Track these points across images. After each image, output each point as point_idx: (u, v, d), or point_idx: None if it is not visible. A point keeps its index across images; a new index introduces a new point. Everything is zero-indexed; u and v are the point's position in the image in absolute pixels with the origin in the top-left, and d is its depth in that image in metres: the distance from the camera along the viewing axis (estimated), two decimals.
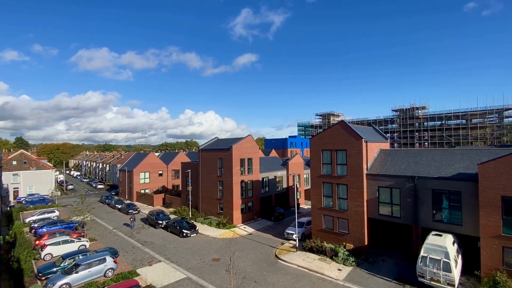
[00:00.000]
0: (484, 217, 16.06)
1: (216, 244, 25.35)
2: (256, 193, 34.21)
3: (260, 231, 29.39)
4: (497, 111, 67.54)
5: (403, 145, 78.15)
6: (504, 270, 15.25)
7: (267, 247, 24.37)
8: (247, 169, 33.11)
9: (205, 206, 34.90)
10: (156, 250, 24.50)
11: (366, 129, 28.66)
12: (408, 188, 19.77)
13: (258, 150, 35.44)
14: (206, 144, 37.46)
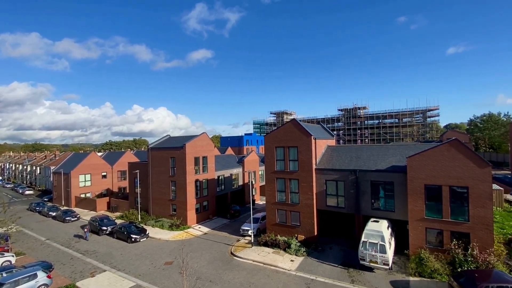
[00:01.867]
0: (412, 203, 18.56)
1: (169, 247, 24.22)
2: (211, 191, 33.65)
3: (215, 230, 29.04)
4: (422, 112, 78.68)
5: (347, 141, 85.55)
6: (427, 247, 17.88)
7: (223, 245, 24.22)
8: (201, 167, 32.32)
9: (156, 208, 33.02)
10: (100, 259, 22.29)
11: (315, 127, 30.51)
12: (351, 180, 21.69)
13: (213, 148, 34.87)
14: (157, 142, 35.37)
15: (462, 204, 17.15)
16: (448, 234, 17.41)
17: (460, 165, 17.13)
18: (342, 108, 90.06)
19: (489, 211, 16.34)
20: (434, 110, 77.30)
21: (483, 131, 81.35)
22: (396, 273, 17.27)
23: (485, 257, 15.75)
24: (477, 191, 16.59)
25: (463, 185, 17.04)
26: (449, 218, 17.40)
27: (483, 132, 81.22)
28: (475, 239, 16.52)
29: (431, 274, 16.31)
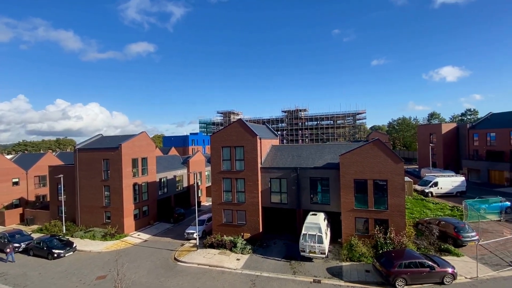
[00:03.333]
0: (344, 196, 20.73)
1: (102, 260, 21.71)
2: (152, 195, 31.44)
3: (157, 236, 27.26)
4: (352, 115, 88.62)
5: (290, 141, 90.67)
6: (356, 235, 20.23)
7: (165, 251, 22.90)
8: (141, 170, 29.91)
9: (86, 217, 29.20)
10: (10, 282, 18.57)
11: (260, 127, 31.45)
12: (293, 177, 23.05)
13: (154, 149, 32.64)
14: (86, 142, 31.30)
15: (382, 195, 19.95)
16: (372, 222, 20.03)
17: (381, 161, 19.89)
18: (286, 110, 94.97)
19: (403, 200, 19.43)
20: (362, 114, 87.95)
21: (399, 132, 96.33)
22: (331, 260, 19.05)
23: (399, 238, 18.66)
24: (393, 183, 19.52)
25: (383, 178, 19.84)
26: (373, 207, 20.05)
27: (399, 133, 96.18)
28: (392, 224, 19.43)
29: (359, 258, 18.52)
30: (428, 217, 24.99)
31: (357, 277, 16.65)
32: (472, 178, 45.59)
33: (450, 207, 29.64)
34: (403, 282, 15.23)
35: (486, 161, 44.95)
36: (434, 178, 35.90)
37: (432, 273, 15.32)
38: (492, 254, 18.62)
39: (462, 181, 35.56)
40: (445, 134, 54.53)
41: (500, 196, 29.13)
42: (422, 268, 15.35)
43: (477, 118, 65.05)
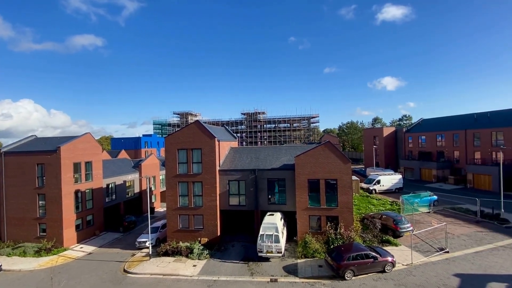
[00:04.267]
0: (299, 196, 21.65)
1: (35, 279, 18.93)
2: (98, 203, 28.61)
3: (104, 247, 24.87)
4: (307, 118, 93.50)
5: (249, 143, 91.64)
6: (310, 232, 21.27)
7: (113, 263, 21.00)
8: (84, 175, 27.02)
9: (15, 231, 25.23)
10: None
11: (219, 129, 31.11)
12: (251, 179, 23.27)
13: (101, 151, 29.83)
14: (15, 144, 27.13)
15: (333, 193, 21.36)
16: (324, 219, 21.30)
17: (331, 162, 21.31)
18: (245, 112, 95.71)
19: (350, 197, 21.09)
20: (316, 118, 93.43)
21: (348, 135, 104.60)
22: (287, 258, 19.66)
23: (348, 233, 20.18)
24: (342, 182, 21.07)
25: (334, 178, 21.27)
26: (325, 205, 21.34)
27: (348, 136, 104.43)
28: (342, 220, 20.93)
29: (313, 254, 19.49)
30: (372, 212, 27.54)
31: (311, 273, 17.47)
32: (408, 176, 51.77)
33: (390, 202, 33.15)
34: (351, 273, 16.48)
35: (418, 161, 51.55)
36: (377, 176, 39.81)
37: (375, 263, 16.88)
38: (424, 242, 21.31)
39: (400, 178, 40.12)
40: (386, 137, 61.05)
41: (429, 191, 33.63)
42: (367, 259, 16.81)
43: (411, 123, 74.25)
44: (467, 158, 44.33)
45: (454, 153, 47.19)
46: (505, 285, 15.00)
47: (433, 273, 16.64)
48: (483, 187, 38.69)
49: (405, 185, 40.66)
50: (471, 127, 44.79)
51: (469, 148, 44.39)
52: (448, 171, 46.45)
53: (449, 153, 48.02)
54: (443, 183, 44.71)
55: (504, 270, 16.52)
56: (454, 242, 20.86)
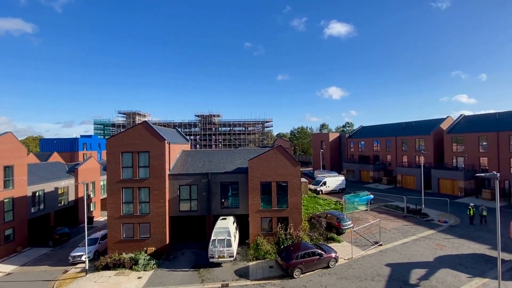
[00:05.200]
0: (251, 198, 21.92)
1: None
2: (21, 214, 24.51)
3: (28, 265, 21.38)
4: (261, 123, 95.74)
5: (203, 146, 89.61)
6: (262, 234, 21.67)
7: (40, 283, 18.17)
8: (3, 182, 22.92)
9: None
10: None
11: (170, 131, 29.70)
12: (204, 183, 22.73)
13: (25, 154, 25.69)
14: None
15: (284, 195, 22.20)
16: (275, 220, 21.96)
17: (282, 165, 22.17)
18: (199, 114, 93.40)
19: (299, 198, 22.20)
20: (270, 122, 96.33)
21: (298, 139, 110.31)
22: (239, 262, 19.66)
23: (297, 233, 21.17)
24: (292, 184, 22.08)
25: (284, 180, 22.14)
26: (276, 207, 22.03)
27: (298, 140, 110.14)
28: (291, 220, 21.87)
29: (264, 255, 19.88)
30: (319, 212, 29.43)
31: (262, 275, 17.78)
32: (349, 177, 56.85)
33: (335, 201, 35.91)
34: (299, 271, 17.29)
35: (358, 164, 57.10)
36: (323, 178, 42.78)
37: (321, 260, 18.03)
38: (362, 237, 23.58)
39: (343, 180, 43.80)
40: (331, 141, 66.19)
41: (367, 190, 37.46)
42: (313, 257, 17.84)
43: (353, 130, 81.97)
44: (397, 161, 50.80)
45: (387, 157, 53.63)
46: (425, 270, 17.50)
47: (369, 265, 18.50)
48: (409, 186, 44.75)
49: (347, 186, 44.52)
50: (400, 134, 51.55)
51: (399, 153, 50.99)
52: (382, 172, 52.49)
53: (383, 157, 54.38)
54: (378, 183, 50.34)
55: (424, 258, 19.28)
56: (386, 236, 23.58)
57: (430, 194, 38.60)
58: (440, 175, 40.43)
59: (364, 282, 16.29)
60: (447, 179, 39.52)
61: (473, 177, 36.94)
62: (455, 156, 41.73)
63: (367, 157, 57.48)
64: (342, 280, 16.74)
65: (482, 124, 40.40)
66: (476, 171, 36.45)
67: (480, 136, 38.54)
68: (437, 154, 44.99)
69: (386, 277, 16.81)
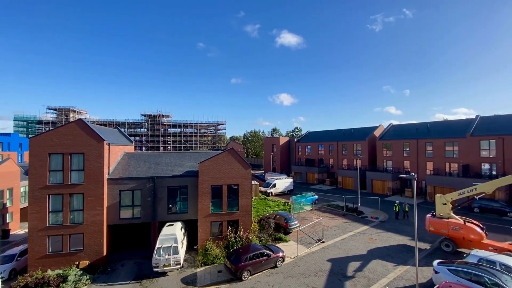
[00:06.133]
0: (201, 202, 21.35)
1: None
2: None
3: None
4: (214, 125, 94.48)
5: (151, 148, 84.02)
6: (212, 238, 21.25)
7: None
8: None
9: None
10: None
11: (111, 131, 27.09)
12: (149, 188, 21.27)
13: None
14: None
15: (235, 198, 22.22)
16: (225, 224, 21.79)
17: (234, 168, 22.20)
18: (146, 114, 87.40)
19: (250, 201, 22.48)
20: (223, 124, 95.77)
21: (251, 142, 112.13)
22: (187, 269, 18.87)
23: (247, 235, 21.36)
24: (243, 186, 22.26)
25: (235, 183, 22.19)
26: (227, 210, 21.90)
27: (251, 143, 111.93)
28: (242, 223, 21.99)
29: (213, 260, 19.49)
30: (268, 213, 30.27)
31: (210, 280, 17.38)
32: (297, 179, 60.01)
33: (283, 203, 37.41)
34: (248, 273, 17.44)
35: (305, 166, 60.71)
36: (273, 180, 44.24)
37: (269, 260, 18.51)
38: (307, 236, 25.02)
39: (291, 182, 45.98)
40: (282, 145, 69.04)
41: (312, 191, 40.01)
42: (262, 258, 18.22)
43: (301, 134, 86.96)
44: (338, 164, 55.58)
45: (330, 160, 58.28)
46: (359, 262, 19.43)
47: (313, 262, 19.72)
48: (349, 187, 49.36)
49: (295, 187, 46.87)
50: (341, 140, 56.61)
51: (340, 156, 55.89)
52: (326, 174, 56.79)
53: (327, 160, 58.93)
54: (322, 185, 54.29)
55: (359, 251, 21.41)
56: (328, 233, 25.51)
57: (365, 193, 43.21)
58: (373, 177, 45.64)
59: (308, 279, 17.28)
60: (379, 180, 44.82)
61: (398, 178, 42.69)
62: (385, 159, 47.67)
63: (313, 160, 61.51)
64: (288, 278, 17.46)
65: (406, 132, 47.14)
66: (401, 173, 42.24)
67: (404, 143, 44.84)
68: (371, 158, 50.72)
69: (327, 272, 18.14)
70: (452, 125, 42.57)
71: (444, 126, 44.04)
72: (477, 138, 36.05)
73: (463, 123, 40.93)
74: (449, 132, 40.51)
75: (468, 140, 36.72)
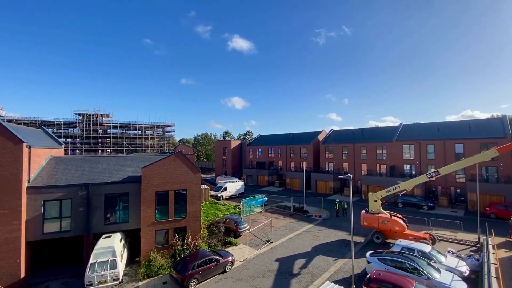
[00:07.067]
0: (144, 210, 19.81)
1: None
2: None
3: None
4: (162, 127, 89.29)
5: (86, 151, 74.93)
6: (156, 248, 19.85)
7: None
8: None
9: None
10: None
11: (34, 131, 23.31)
12: (81, 196, 18.86)
13: None
14: None
15: (182, 204, 21.24)
16: (172, 231, 20.65)
17: (182, 172, 21.27)
18: (81, 113, 77.68)
19: (198, 206, 21.79)
20: (171, 126, 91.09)
21: (202, 145, 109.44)
22: (126, 284, 17.21)
23: (195, 242, 20.60)
24: (192, 192, 21.47)
25: (183, 188, 21.26)
26: (173, 217, 20.78)
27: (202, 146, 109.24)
28: (190, 230, 21.14)
29: (157, 272, 18.21)
30: (218, 218, 29.83)
31: None
32: (248, 182, 60.74)
33: (234, 206, 37.36)
34: (196, 281, 16.79)
35: (256, 169, 61.88)
36: (224, 184, 43.88)
37: (218, 266, 18.17)
38: (256, 238, 25.41)
39: (242, 185, 46.28)
40: (233, 148, 69.14)
41: (262, 193, 40.92)
42: (210, 264, 17.77)
43: (253, 138, 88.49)
44: (286, 167, 58.17)
45: (279, 163, 60.61)
46: (305, 259, 20.52)
47: (261, 263, 20.08)
48: (296, 188, 52.00)
49: (246, 190, 47.32)
50: (289, 143, 59.47)
51: (288, 159, 58.59)
52: (275, 176, 58.83)
53: (276, 163, 61.14)
54: (272, 186, 56.07)
55: (304, 249, 22.63)
56: (276, 233, 26.36)
57: (310, 193, 46.11)
58: (317, 178, 49.05)
59: (256, 280, 17.50)
60: (322, 181, 48.38)
61: (338, 178, 46.78)
62: (327, 162, 51.73)
63: (263, 163, 63.10)
64: (237, 282, 17.40)
65: (345, 137, 52.04)
66: (341, 174, 46.38)
67: (343, 147, 49.40)
68: (316, 160, 54.49)
69: (275, 271, 18.67)
70: (382, 131, 48.65)
71: (375, 132, 50.03)
72: (400, 142, 41.91)
73: (390, 130, 47.17)
74: (379, 137, 46.15)
75: (394, 144, 42.41)
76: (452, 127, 40.54)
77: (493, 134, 34.92)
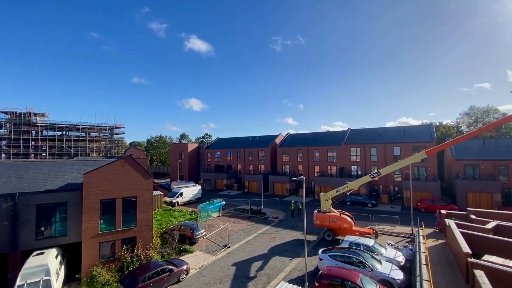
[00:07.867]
0: (86, 221, 17.83)
1: None
2: None
3: None
4: (109, 128, 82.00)
5: (15, 155, 64.73)
6: (100, 262, 17.98)
7: None
8: None
9: None
10: None
11: None
12: (6, 208, 16.18)
13: None
14: None
15: (132, 212, 19.71)
16: (119, 243, 18.96)
17: (131, 178, 19.76)
18: (8, 111, 66.96)
19: (150, 214, 20.46)
20: (121, 128, 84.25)
21: (156, 149, 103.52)
22: None
23: (146, 252, 19.25)
24: (142, 199, 20.08)
25: (133, 195, 19.75)
26: (121, 227, 19.13)
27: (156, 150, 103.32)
28: (140, 239, 19.68)
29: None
30: (173, 225, 28.43)
31: None
32: (206, 186, 59.37)
33: (190, 212, 36.04)
34: None
35: (214, 173, 60.88)
36: (180, 189, 42.09)
37: (171, 275, 17.25)
38: (213, 243, 24.86)
39: (199, 189, 44.98)
40: (190, 152, 66.92)
41: (220, 197, 40.34)
42: (163, 275, 16.78)
43: (211, 141, 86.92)
44: (245, 170, 58.47)
45: (238, 166, 60.65)
46: (261, 262, 20.74)
47: (218, 269, 19.69)
48: (254, 190, 52.53)
49: (204, 195, 46.09)
50: (248, 146, 59.97)
51: (246, 162, 59.00)
52: (234, 180, 58.60)
53: (235, 166, 61.04)
54: (231, 190, 55.71)
55: (261, 251, 22.88)
56: (234, 237, 26.18)
57: (268, 195, 47.03)
58: (274, 180, 50.34)
59: (212, 287, 17.08)
60: (279, 183, 49.80)
61: (293, 180, 48.73)
62: (284, 164, 53.50)
63: (222, 167, 62.38)
64: None
65: (300, 140, 54.53)
66: (296, 176, 48.36)
67: (298, 150, 51.69)
68: (273, 163, 55.91)
69: (232, 276, 18.47)
70: (332, 135, 52.28)
71: (327, 136, 53.53)
72: (348, 146, 45.55)
73: (340, 134, 50.97)
74: (330, 141, 49.49)
75: (343, 147, 45.91)
76: (391, 132, 45.66)
77: (423, 138, 40.30)
